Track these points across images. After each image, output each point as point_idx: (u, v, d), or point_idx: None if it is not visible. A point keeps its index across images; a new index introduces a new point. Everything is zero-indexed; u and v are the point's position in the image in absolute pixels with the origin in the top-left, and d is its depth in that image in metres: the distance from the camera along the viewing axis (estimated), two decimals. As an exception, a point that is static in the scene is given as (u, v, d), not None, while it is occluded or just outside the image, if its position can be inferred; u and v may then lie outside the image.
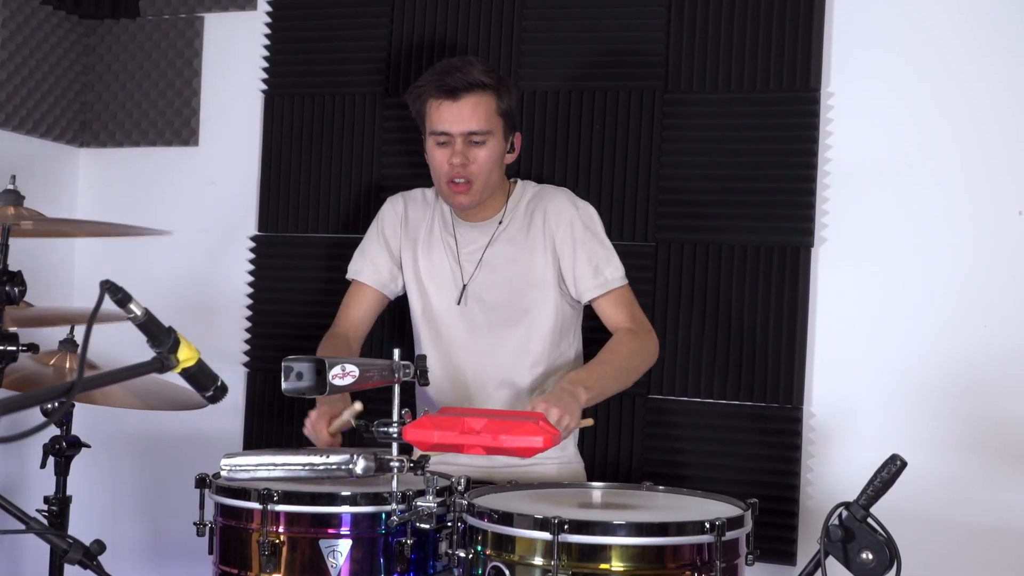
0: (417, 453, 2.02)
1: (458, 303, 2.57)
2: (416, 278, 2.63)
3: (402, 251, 2.67)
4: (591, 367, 2.42)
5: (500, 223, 2.58)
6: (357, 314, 2.68)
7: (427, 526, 2.00)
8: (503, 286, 2.56)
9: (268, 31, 3.29)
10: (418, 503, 2.00)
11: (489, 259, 2.57)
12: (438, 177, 2.54)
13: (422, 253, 2.64)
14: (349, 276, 2.71)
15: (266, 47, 3.30)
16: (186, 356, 1.74)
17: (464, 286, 2.57)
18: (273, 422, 3.23)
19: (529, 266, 2.55)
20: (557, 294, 2.56)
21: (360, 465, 1.97)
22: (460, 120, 2.46)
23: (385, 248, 2.68)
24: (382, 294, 2.68)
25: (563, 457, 2.58)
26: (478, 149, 2.47)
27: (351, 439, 2.39)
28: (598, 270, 2.53)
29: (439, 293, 2.61)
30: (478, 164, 2.48)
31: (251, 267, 3.29)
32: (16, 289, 2.24)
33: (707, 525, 1.87)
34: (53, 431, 2.63)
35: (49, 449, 2.62)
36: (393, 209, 2.71)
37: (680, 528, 1.89)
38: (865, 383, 2.76)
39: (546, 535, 1.84)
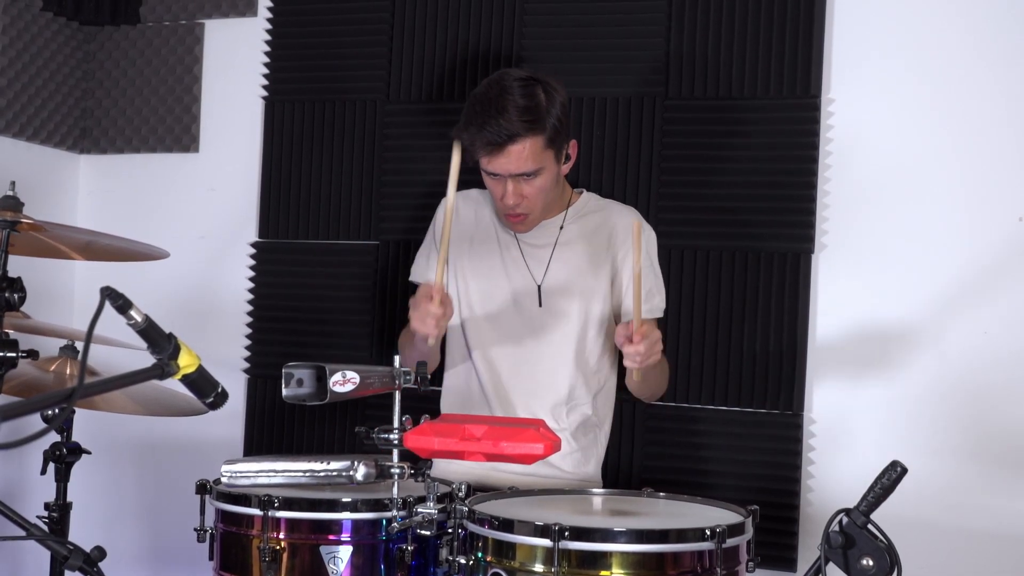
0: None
1: (539, 304, 2.55)
2: (470, 276, 2.60)
3: (451, 250, 2.60)
4: None
5: (561, 228, 2.58)
6: None
7: (428, 532, 2.00)
8: (556, 290, 2.55)
9: (268, 37, 3.30)
10: (419, 509, 2.00)
11: (551, 263, 2.56)
12: (494, 204, 2.55)
13: (477, 253, 2.61)
14: (412, 279, 2.65)
15: (266, 53, 3.30)
16: (186, 362, 1.74)
17: (539, 286, 2.56)
18: (274, 428, 3.23)
19: (582, 274, 2.55)
20: (605, 305, 2.55)
21: (361, 471, 1.96)
22: (507, 166, 2.42)
23: (437, 249, 2.65)
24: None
25: (580, 473, 2.56)
26: (530, 182, 2.45)
27: (352, 447, 2.38)
28: (649, 295, 2.54)
29: (492, 293, 2.59)
30: (531, 196, 2.47)
31: (251, 273, 3.29)
32: (16, 295, 2.24)
33: (708, 532, 1.87)
34: (53, 437, 2.62)
35: (49, 455, 2.61)
36: (442, 210, 2.67)
37: (681, 535, 1.88)
38: (865, 389, 2.76)
39: (547, 542, 1.84)
